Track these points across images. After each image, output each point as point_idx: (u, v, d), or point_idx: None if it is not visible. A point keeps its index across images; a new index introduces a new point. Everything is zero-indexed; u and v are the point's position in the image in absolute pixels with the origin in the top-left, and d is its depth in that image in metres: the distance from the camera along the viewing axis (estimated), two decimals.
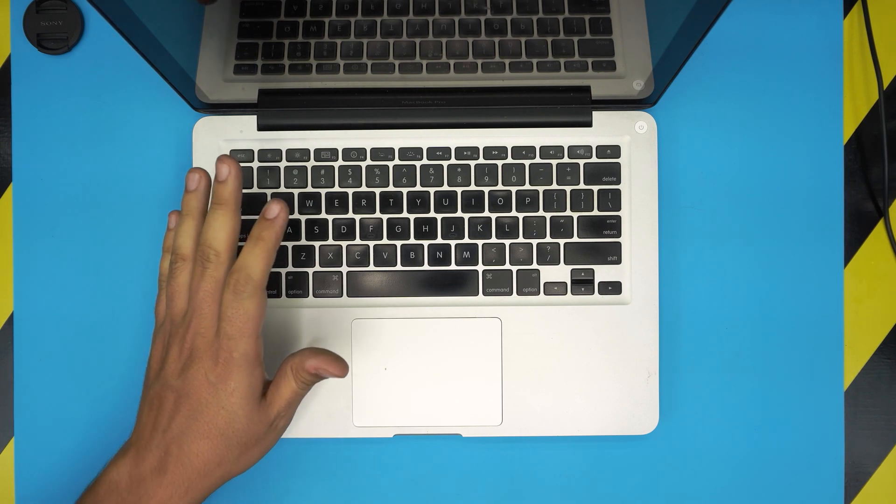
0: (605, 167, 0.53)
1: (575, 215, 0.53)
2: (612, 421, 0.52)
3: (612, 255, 0.53)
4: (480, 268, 0.53)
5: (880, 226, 0.55)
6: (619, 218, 0.53)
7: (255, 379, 0.46)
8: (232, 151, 0.53)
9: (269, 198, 0.53)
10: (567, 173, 0.53)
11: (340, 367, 0.46)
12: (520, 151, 0.53)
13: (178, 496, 0.44)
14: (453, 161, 0.53)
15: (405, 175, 0.53)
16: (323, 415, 0.52)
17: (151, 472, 0.44)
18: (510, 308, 0.53)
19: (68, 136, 0.55)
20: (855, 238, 0.55)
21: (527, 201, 0.53)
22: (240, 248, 0.48)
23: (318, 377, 0.47)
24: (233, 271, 0.45)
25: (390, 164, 0.53)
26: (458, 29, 0.53)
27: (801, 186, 0.55)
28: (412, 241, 0.53)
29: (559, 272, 0.53)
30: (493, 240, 0.53)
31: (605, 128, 0.53)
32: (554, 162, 0.53)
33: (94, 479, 0.46)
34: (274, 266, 0.53)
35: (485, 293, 0.53)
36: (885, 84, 0.56)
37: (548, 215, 0.53)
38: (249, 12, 0.52)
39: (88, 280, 0.54)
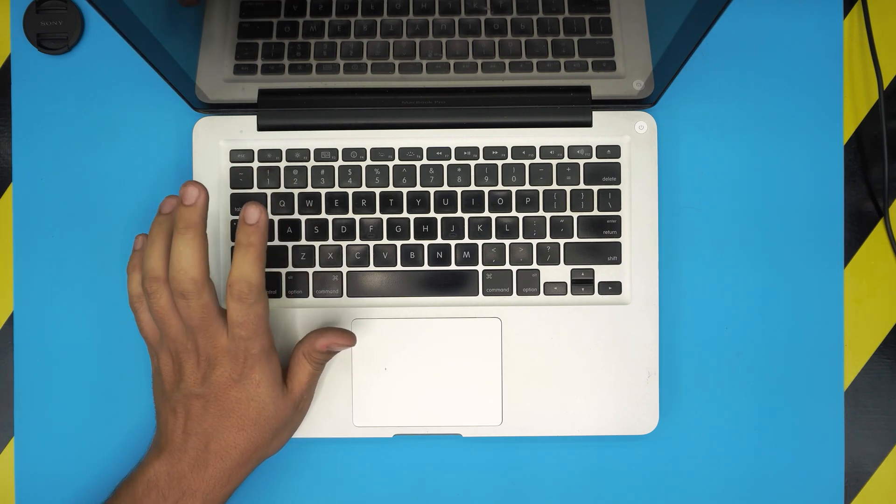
0: (605, 167, 0.53)
1: (575, 215, 0.53)
2: (612, 421, 0.52)
3: (612, 255, 0.53)
4: (480, 268, 0.53)
5: (880, 226, 0.55)
6: (619, 218, 0.53)
7: (275, 366, 0.48)
8: (232, 151, 0.53)
9: (269, 198, 0.53)
10: (567, 173, 0.53)
11: (349, 337, 0.49)
12: (520, 151, 0.53)
13: (221, 486, 0.47)
14: (453, 161, 0.53)
15: (405, 175, 0.53)
16: (323, 415, 0.52)
17: (191, 468, 0.46)
18: (510, 308, 0.53)
19: (68, 136, 0.55)
20: (855, 238, 0.55)
21: (527, 201, 0.53)
22: None
23: (331, 353, 0.50)
24: (232, 282, 0.46)
25: (390, 164, 0.53)
26: (458, 29, 0.53)
27: (801, 186, 0.55)
28: (412, 241, 0.53)
29: (559, 272, 0.53)
30: (493, 240, 0.53)
31: (605, 128, 0.53)
32: (554, 162, 0.53)
33: (127, 479, 0.47)
34: (274, 266, 0.53)
35: (485, 293, 0.53)
36: (885, 84, 0.56)
37: (548, 215, 0.53)
38: (249, 12, 0.52)
39: (88, 280, 0.54)
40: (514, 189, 0.53)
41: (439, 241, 0.53)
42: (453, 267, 0.53)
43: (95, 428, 0.54)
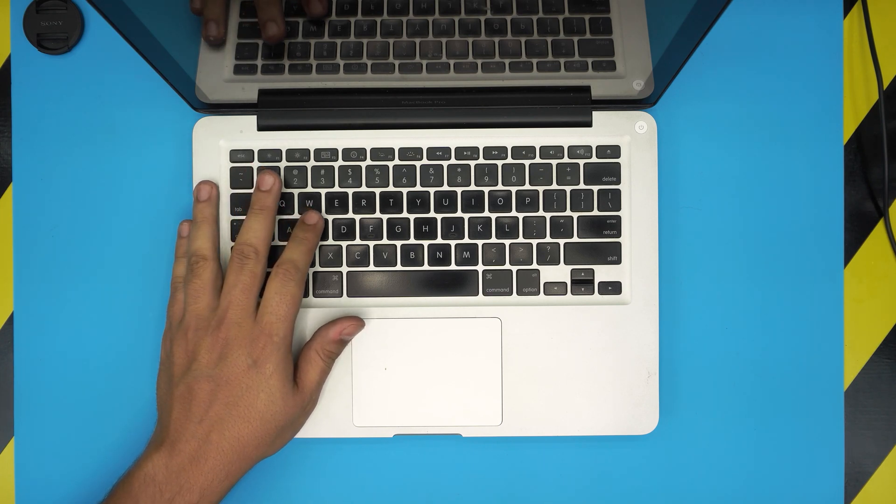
0: (605, 167, 0.53)
1: (575, 215, 0.53)
2: (612, 421, 0.52)
3: (612, 255, 0.53)
4: (480, 268, 0.53)
5: (880, 226, 0.55)
6: (619, 218, 0.53)
7: (289, 363, 0.49)
8: (232, 151, 0.53)
9: None
10: (567, 173, 0.53)
11: (357, 322, 0.51)
12: (520, 151, 0.53)
13: (218, 481, 0.46)
14: (453, 161, 0.53)
15: (405, 175, 0.53)
16: (323, 415, 0.52)
17: (190, 461, 0.46)
18: (510, 308, 0.53)
19: (68, 136, 0.55)
20: (855, 238, 0.55)
21: (527, 201, 0.53)
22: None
23: (343, 343, 0.51)
24: (279, 263, 0.49)
25: (390, 164, 0.53)
26: (458, 29, 0.53)
27: (801, 186, 0.55)
28: (412, 241, 0.53)
29: (559, 272, 0.53)
30: (493, 240, 0.53)
31: (605, 128, 0.53)
32: (554, 162, 0.53)
33: (124, 475, 0.47)
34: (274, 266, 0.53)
35: (485, 293, 0.53)
36: (885, 84, 0.56)
37: (548, 215, 0.53)
38: (249, 12, 0.52)
39: (88, 280, 0.54)
40: (514, 189, 0.53)
41: (439, 241, 0.53)
42: (453, 267, 0.53)
43: (95, 428, 0.54)
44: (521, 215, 0.53)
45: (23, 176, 0.55)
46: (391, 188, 0.53)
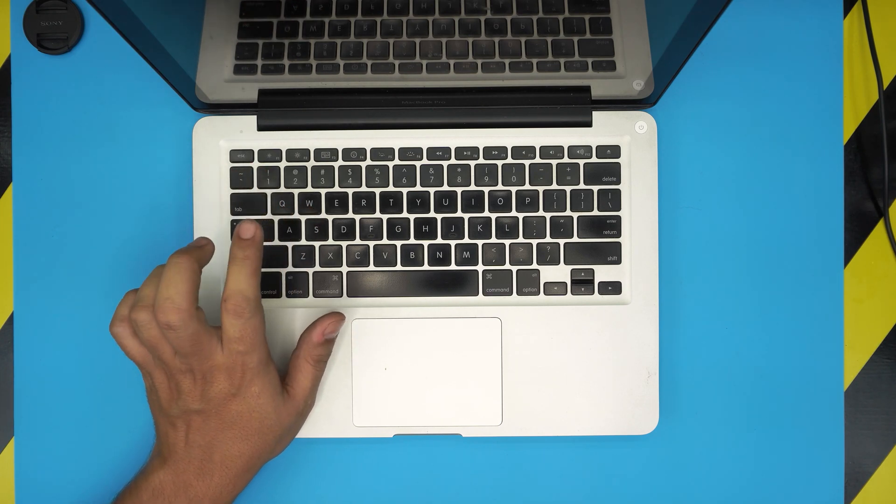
0: (605, 167, 0.53)
1: (575, 215, 0.53)
2: (612, 421, 0.52)
3: (612, 255, 0.53)
4: (480, 268, 0.53)
5: (880, 226, 0.55)
6: (619, 218, 0.53)
7: (273, 376, 0.48)
8: (232, 151, 0.53)
9: (269, 198, 0.53)
10: (567, 173, 0.53)
11: (338, 318, 0.50)
12: (520, 151, 0.53)
13: (227, 492, 0.47)
14: (453, 161, 0.53)
15: (405, 175, 0.53)
16: (323, 415, 0.52)
17: (196, 477, 0.46)
18: (510, 308, 0.53)
19: (68, 136, 0.55)
20: (855, 238, 0.55)
21: (527, 201, 0.53)
22: None
23: (330, 343, 0.50)
24: (228, 296, 0.45)
25: (390, 164, 0.53)
26: (458, 29, 0.53)
27: (801, 186, 0.55)
28: (412, 241, 0.53)
29: (559, 272, 0.53)
30: (493, 240, 0.53)
31: (605, 128, 0.53)
32: (554, 162, 0.53)
33: (130, 486, 0.47)
34: (274, 266, 0.53)
35: (485, 293, 0.53)
36: (885, 84, 0.56)
37: (548, 215, 0.53)
38: (249, 12, 0.52)
39: (88, 280, 0.54)
40: (514, 189, 0.53)
41: (439, 241, 0.53)
42: (453, 267, 0.53)
43: (95, 428, 0.54)
44: (521, 215, 0.53)
45: (23, 176, 0.55)
46: (391, 188, 0.53)
